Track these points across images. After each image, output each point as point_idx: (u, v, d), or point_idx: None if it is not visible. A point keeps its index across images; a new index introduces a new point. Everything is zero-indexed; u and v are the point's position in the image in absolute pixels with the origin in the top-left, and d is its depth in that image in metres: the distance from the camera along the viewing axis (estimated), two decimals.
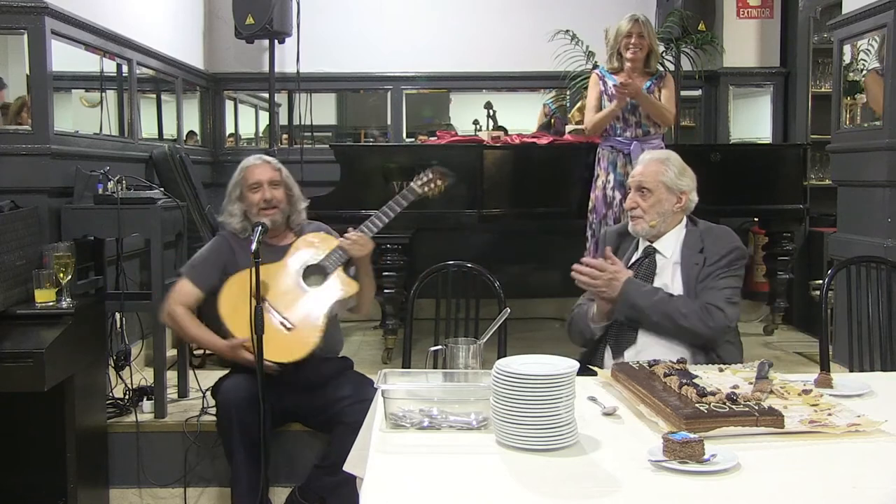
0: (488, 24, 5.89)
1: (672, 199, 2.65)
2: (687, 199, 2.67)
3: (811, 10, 5.46)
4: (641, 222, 2.66)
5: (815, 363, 4.07)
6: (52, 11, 3.36)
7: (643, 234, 2.68)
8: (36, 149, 3.32)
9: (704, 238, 2.65)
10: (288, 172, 3.15)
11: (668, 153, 2.77)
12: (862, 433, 1.77)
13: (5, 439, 3.04)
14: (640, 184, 2.66)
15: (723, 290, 2.55)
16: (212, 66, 5.82)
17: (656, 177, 2.65)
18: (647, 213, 2.64)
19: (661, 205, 2.64)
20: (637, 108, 4.08)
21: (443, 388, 1.98)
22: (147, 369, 3.70)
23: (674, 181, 2.65)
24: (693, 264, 2.61)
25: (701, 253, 2.62)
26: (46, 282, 2.96)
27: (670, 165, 2.67)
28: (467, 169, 4.41)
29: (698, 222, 2.72)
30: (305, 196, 3.18)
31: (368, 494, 1.51)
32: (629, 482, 1.54)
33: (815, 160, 5.54)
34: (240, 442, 2.86)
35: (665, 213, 2.65)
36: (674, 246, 2.66)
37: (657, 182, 2.64)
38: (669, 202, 2.65)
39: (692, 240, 2.66)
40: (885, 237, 3.90)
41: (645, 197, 2.65)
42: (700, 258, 2.61)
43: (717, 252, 2.60)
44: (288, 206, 3.09)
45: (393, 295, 4.34)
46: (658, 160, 2.70)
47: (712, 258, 2.60)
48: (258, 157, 3.13)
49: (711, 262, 2.59)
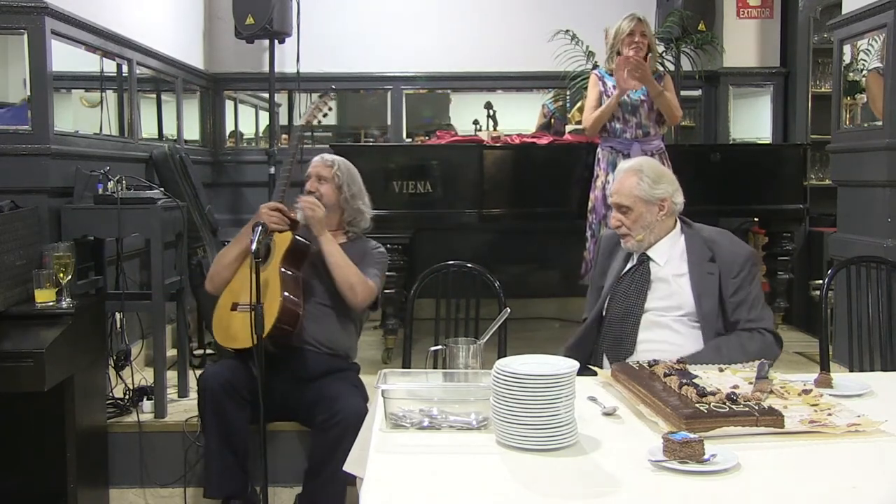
0: (488, 24, 5.89)
1: (653, 209, 2.59)
2: (670, 203, 2.61)
3: (811, 10, 5.46)
4: (630, 239, 2.62)
5: (815, 363, 4.07)
6: (52, 11, 3.36)
7: (634, 248, 2.63)
8: (36, 149, 3.32)
9: (712, 246, 2.60)
10: (349, 173, 3.20)
11: (641, 162, 2.71)
12: (862, 433, 1.77)
13: (5, 439, 3.04)
14: (618, 203, 2.62)
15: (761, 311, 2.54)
16: (212, 66, 5.82)
17: (631, 192, 2.59)
18: (632, 229, 2.60)
19: (644, 218, 2.59)
20: (637, 108, 4.07)
21: (443, 388, 1.98)
22: (147, 369, 3.70)
23: (648, 192, 2.58)
24: (706, 273, 2.55)
25: (713, 262, 2.57)
26: (46, 282, 2.96)
27: (643, 176, 2.60)
28: (467, 169, 4.41)
29: (693, 225, 2.67)
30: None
31: (368, 494, 1.51)
32: (629, 482, 1.54)
33: (815, 160, 5.54)
34: (214, 428, 2.92)
35: (650, 225, 2.60)
36: (668, 252, 2.61)
37: (633, 198, 2.59)
38: (651, 213, 2.59)
39: (696, 247, 2.60)
40: (885, 237, 3.90)
41: (626, 214, 2.61)
42: (713, 268, 2.55)
43: (736, 262, 2.56)
44: (336, 202, 3.15)
45: (393, 295, 4.34)
46: (631, 172, 2.64)
47: (733, 270, 2.55)
48: (321, 156, 3.25)
49: (735, 275, 2.54)
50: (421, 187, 4.32)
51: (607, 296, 2.66)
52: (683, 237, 2.64)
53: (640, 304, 2.57)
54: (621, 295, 2.62)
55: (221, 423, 2.92)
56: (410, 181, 4.31)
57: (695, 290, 2.54)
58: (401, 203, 4.31)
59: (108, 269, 3.66)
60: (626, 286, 2.62)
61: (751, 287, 2.56)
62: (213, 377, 2.96)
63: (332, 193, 3.15)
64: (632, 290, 2.60)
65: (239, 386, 2.93)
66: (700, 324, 2.53)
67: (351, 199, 3.18)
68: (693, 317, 2.54)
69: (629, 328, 2.56)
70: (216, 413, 2.92)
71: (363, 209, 3.23)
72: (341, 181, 3.17)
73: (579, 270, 4.28)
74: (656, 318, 2.55)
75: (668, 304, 2.56)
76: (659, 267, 2.60)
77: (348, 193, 3.17)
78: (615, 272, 2.69)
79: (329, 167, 3.18)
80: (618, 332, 2.58)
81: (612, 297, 2.64)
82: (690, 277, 2.56)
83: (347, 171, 3.21)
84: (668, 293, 2.56)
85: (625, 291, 2.62)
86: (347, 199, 3.17)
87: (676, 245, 2.62)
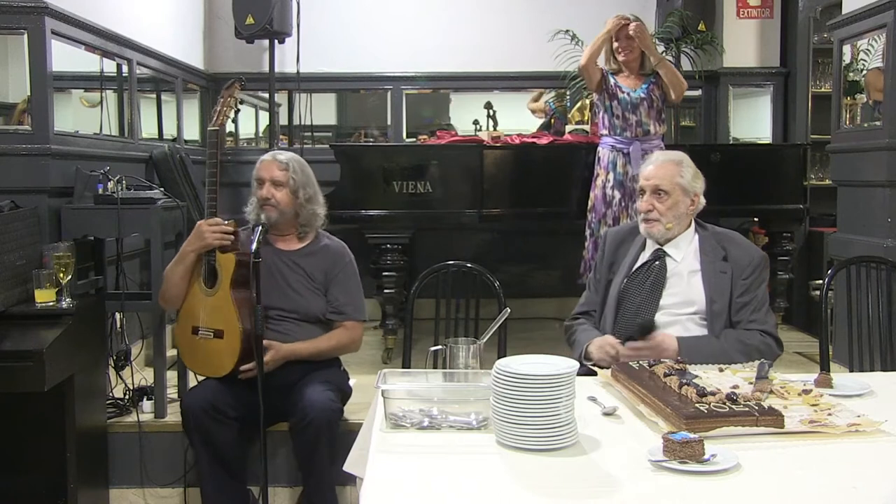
0: (488, 24, 5.89)
1: (686, 201, 2.61)
2: (699, 200, 2.64)
3: (811, 10, 5.46)
4: (658, 225, 2.60)
5: (815, 363, 4.07)
6: (52, 11, 3.36)
7: (658, 236, 2.62)
8: (36, 149, 3.31)
9: (725, 245, 2.61)
10: (303, 174, 3.06)
11: (682, 154, 2.72)
12: (862, 433, 1.77)
13: (5, 439, 3.04)
14: (657, 186, 2.60)
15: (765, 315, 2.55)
16: (212, 66, 5.81)
17: (673, 178, 2.60)
18: (664, 215, 2.59)
19: (678, 207, 2.60)
20: (637, 107, 4.08)
21: (443, 388, 1.98)
22: (147, 369, 3.70)
23: (690, 183, 2.61)
24: (719, 272, 2.56)
25: (725, 261, 2.58)
26: (46, 282, 2.95)
27: (684, 168, 2.63)
28: (467, 169, 4.41)
29: (706, 226, 2.69)
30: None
31: (368, 494, 1.51)
32: (629, 482, 1.54)
33: (815, 160, 5.54)
34: (202, 447, 2.89)
35: (680, 216, 2.62)
36: (685, 250, 2.62)
37: (674, 184, 2.59)
38: (684, 204, 2.61)
39: (709, 246, 2.62)
40: (885, 237, 3.90)
41: (661, 199, 2.59)
42: (726, 267, 2.57)
43: (749, 263, 2.57)
44: (292, 208, 3.03)
45: (393, 295, 4.34)
46: (673, 161, 2.65)
47: (744, 271, 2.56)
48: (273, 153, 3.11)
49: (746, 276, 2.56)
50: (421, 187, 4.32)
51: (620, 288, 2.65)
52: (697, 236, 2.65)
53: (655, 300, 2.58)
54: (636, 288, 2.62)
55: (209, 444, 2.87)
56: (410, 181, 4.31)
57: (707, 289, 2.56)
58: (401, 203, 4.31)
59: (108, 269, 3.66)
60: (642, 280, 2.62)
61: (758, 290, 2.57)
62: (196, 401, 2.89)
63: (288, 199, 3.01)
64: (647, 284, 2.60)
65: (222, 406, 2.88)
66: (708, 322, 2.54)
67: (307, 202, 3.04)
68: (703, 315, 2.56)
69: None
70: (201, 435, 2.87)
71: (319, 211, 3.10)
72: (297, 185, 3.02)
73: (579, 270, 4.28)
74: (669, 317, 2.56)
75: (680, 300, 2.58)
76: (676, 263, 2.62)
77: (304, 198, 3.03)
78: (627, 266, 2.68)
79: (283, 170, 3.01)
80: (631, 325, 2.57)
81: (626, 290, 2.64)
82: (703, 276, 2.58)
83: (302, 173, 3.05)
84: (681, 290, 2.58)
85: (640, 285, 2.61)
86: (303, 203, 3.03)
87: (691, 243, 2.64)
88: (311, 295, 3.04)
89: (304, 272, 3.05)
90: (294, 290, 3.03)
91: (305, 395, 2.87)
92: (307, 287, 3.04)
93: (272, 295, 2.97)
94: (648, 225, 2.62)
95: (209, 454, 2.89)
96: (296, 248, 3.10)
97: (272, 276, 3.00)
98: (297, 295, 3.03)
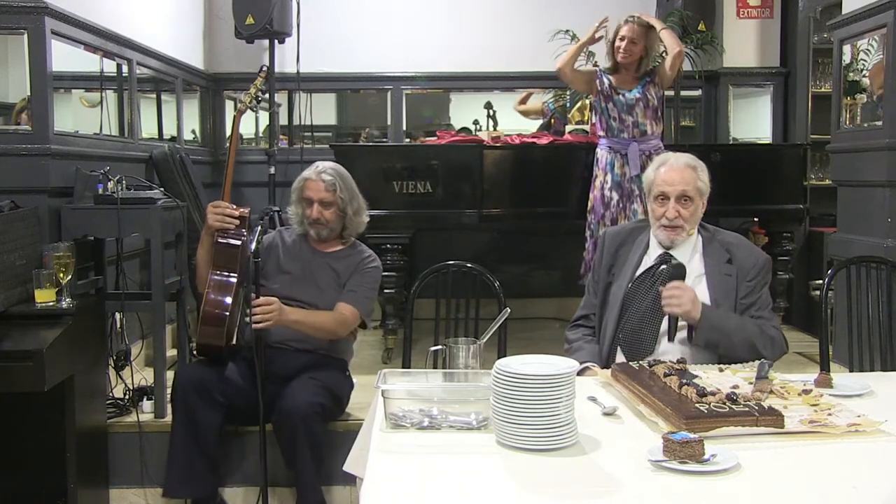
0: (488, 25, 5.89)
1: (702, 204, 2.59)
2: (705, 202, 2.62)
3: (811, 10, 5.46)
4: (681, 232, 2.55)
5: (815, 363, 4.07)
6: (52, 11, 3.36)
7: (679, 243, 2.57)
8: (36, 149, 3.31)
9: (729, 248, 2.59)
10: (348, 189, 3.12)
11: (694, 157, 2.66)
12: (862, 433, 1.77)
13: (5, 439, 3.04)
14: (684, 192, 2.54)
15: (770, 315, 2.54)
16: (212, 66, 5.81)
17: (695, 184, 2.55)
18: (688, 221, 2.55)
19: (698, 212, 2.57)
20: (633, 108, 4.09)
21: (443, 388, 1.98)
22: (147, 369, 3.70)
23: (706, 187, 2.58)
24: (724, 275, 2.54)
25: (730, 264, 2.56)
26: (46, 282, 2.96)
27: (701, 170, 2.59)
28: (467, 169, 4.41)
29: (708, 227, 2.66)
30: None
31: (368, 494, 1.51)
32: (629, 482, 1.54)
33: (815, 160, 5.54)
34: (180, 427, 2.92)
35: (697, 221, 2.59)
36: (690, 254, 2.58)
37: (696, 189, 2.55)
38: (702, 208, 2.59)
39: (712, 248, 2.59)
40: (885, 237, 3.90)
41: (686, 206, 2.54)
42: (731, 269, 2.55)
43: (753, 266, 2.56)
44: (341, 223, 3.12)
45: (393, 295, 4.34)
46: (691, 166, 2.59)
47: (749, 273, 2.55)
48: (317, 171, 3.11)
49: (751, 279, 2.55)
50: (421, 187, 4.32)
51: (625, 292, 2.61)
52: (700, 239, 2.62)
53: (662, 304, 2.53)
54: (643, 292, 2.57)
55: (189, 423, 2.90)
56: (410, 181, 4.31)
57: (712, 292, 2.53)
58: (401, 203, 4.31)
59: (108, 269, 3.66)
60: (648, 285, 2.57)
61: (762, 292, 2.57)
62: (186, 376, 2.96)
63: (337, 217, 3.11)
64: (655, 288, 2.54)
65: (212, 387, 2.92)
66: None
67: (353, 216, 3.14)
68: None
69: (650, 326, 2.53)
70: (185, 413, 2.91)
71: (364, 219, 3.21)
72: (345, 203, 3.10)
73: (579, 270, 4.28)
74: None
75: None
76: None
77: (351, 212, 3.13)
78: (630, 269, 2.63)
79: (332, 192, 3.07)
80: (637, 329, 2.54)
81: (631, 294, 2.59)
82: (708, 279, 2.56)
83: (347, 188, 3.12)
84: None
85: (647, 289, 2.57)
86: (351, 217, 3.14)
87: (696, 246, 2.61)
88: (333, 293, 3.10)
89: (335, 273, 3.13)
90: (319, 287, 3.10)
91: (287, 393, 2.89)
92: (332, 286, 3.11)
93: (298, 288, 3.06)
94: (673, 232, 2.56)
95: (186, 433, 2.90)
96: (332, 250, 3.17)
97: (304, 273, 3.10)
98: (320, 291, 3.09)
